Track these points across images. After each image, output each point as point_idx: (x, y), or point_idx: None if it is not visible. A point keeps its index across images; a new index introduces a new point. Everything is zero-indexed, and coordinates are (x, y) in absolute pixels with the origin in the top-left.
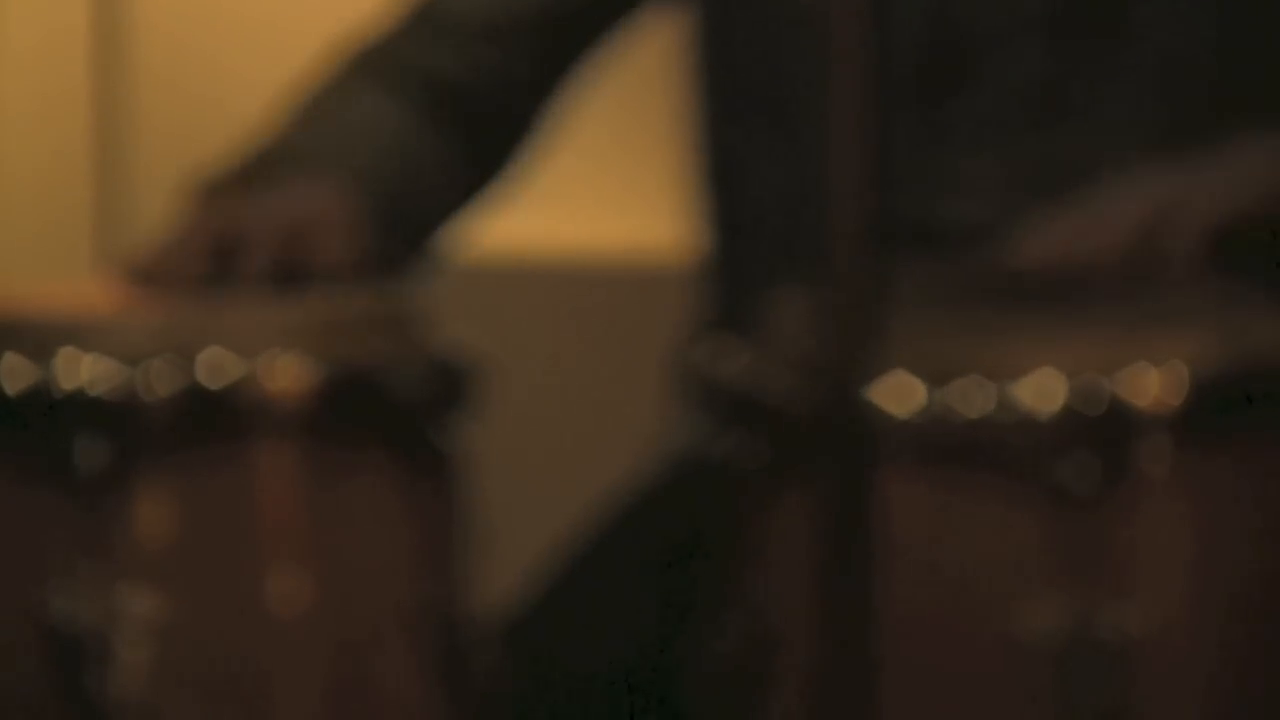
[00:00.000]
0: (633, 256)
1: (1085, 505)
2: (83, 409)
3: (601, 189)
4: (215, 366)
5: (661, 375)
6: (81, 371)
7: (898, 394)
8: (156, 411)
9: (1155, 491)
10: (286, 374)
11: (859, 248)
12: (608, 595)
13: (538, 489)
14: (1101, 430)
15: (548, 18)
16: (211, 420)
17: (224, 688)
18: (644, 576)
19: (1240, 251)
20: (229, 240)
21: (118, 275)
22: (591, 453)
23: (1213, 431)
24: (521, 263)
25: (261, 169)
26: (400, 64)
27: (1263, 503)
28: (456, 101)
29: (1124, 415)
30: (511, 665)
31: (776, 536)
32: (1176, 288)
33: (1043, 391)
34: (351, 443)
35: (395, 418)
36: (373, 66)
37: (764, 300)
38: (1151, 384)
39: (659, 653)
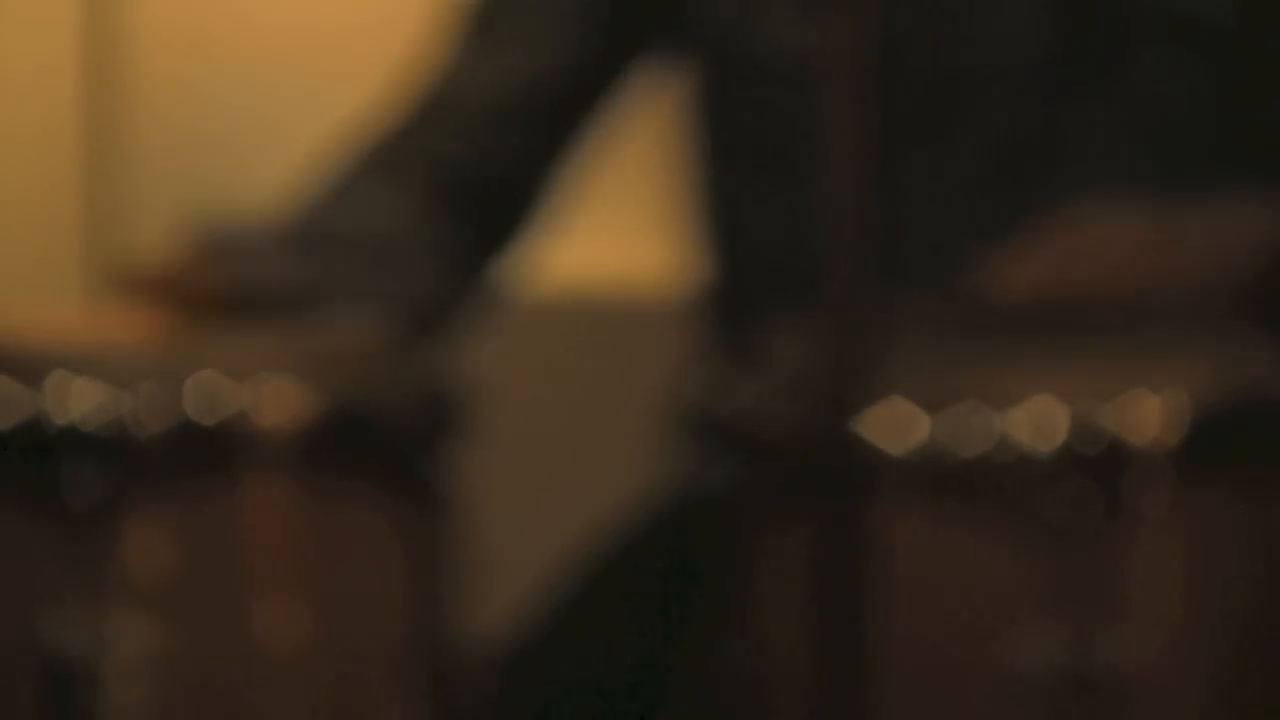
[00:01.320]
0: (627, 289)
1: (1082, 538)
2: (74, 439)
3: (594, 220)
4: (208, 399)
5: (658, 407)
6: (73, 402)
7: (894, 422)
8: (148, 443)
9: (1152, 525)
10: (279, 407)
11: (855, 282)
12: (603, 627)
13: (533, 521)
14: (1099, 463)
15: (551, 96)
16: (204, 452)
17: (214, 718)
18: (639, 609)
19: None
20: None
21: (112, 295)
22: (587, 485)
23: (1209, 464)
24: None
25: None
26: (409, 153)
27: (1259, 535)
28: (465, 186)
29: (1122, 448)
30: (505, 697)
31: (773, 569)
32: (1170, 320)
33: (1040, 422)
34: (344, 475)
35: (388, 450)
36: (382, 156)
37: (762, 333)
38: (1150, 417)
39: (654, 685)
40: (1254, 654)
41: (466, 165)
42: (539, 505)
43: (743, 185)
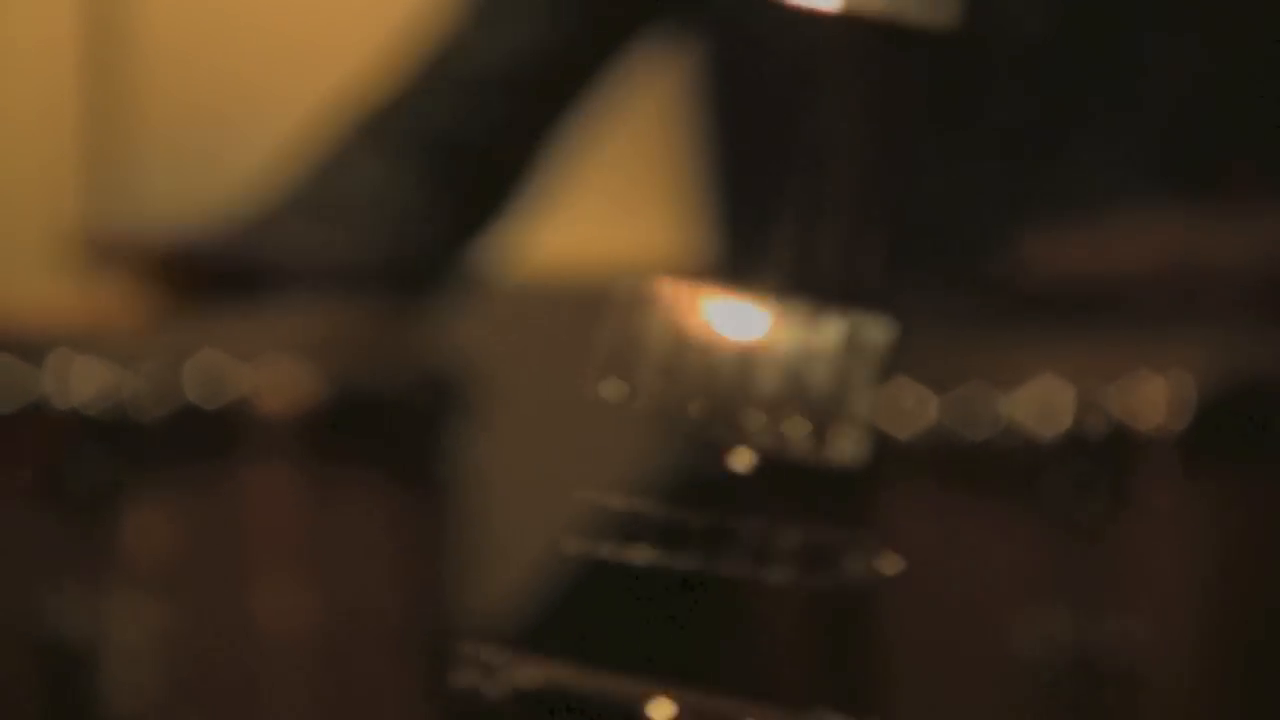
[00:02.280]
0: (629, 271)
1: (1088, 523)
2: (77, 423)
3: (596, 200)
4: (210, 381)
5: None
6: (75, 385)
7: (900, 404)
8: (151, 426)
9: (1157, 509)
10: (282, 390)
11: (861, 264)
12: (604, 610)
13: (534, 504)
14: (1104, 447)
15: (547, 70)
16: (206, 435)
17: (217, 703)
18: (641, 590)
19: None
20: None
21: (114, 280)
22: (589, 467)
23: (1215, 450)
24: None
25: (264, 224)
26: (401, 123)
27: (1263, 521)
28: (458, 156)
29: (1127, 433)
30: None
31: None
32: (1191, 309)
33: (1046, 404)
34: (345, 458)
35: (389, 433)
36: (374, 126)
37: None
38: (1156, 401)
39: (653, 663)
40: (1259, 638)
41: (460, 135)
42: (540, 488)
43: (746, 166)
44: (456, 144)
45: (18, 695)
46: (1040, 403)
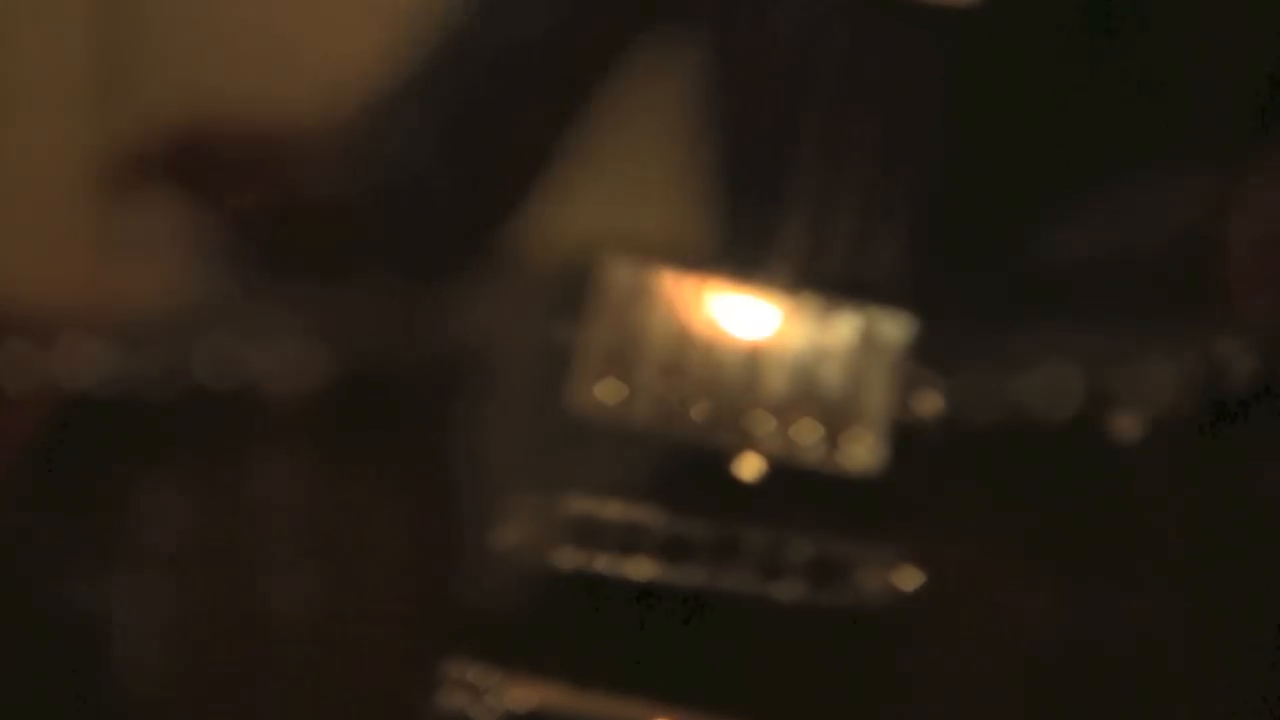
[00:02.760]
0: (637, 253)
1: (1095, 507)
2: (83, 402)
3: (604, 184)
4: (221, 362)
5: None
6: (84, 365)
7: (905, 385)
8: (161, 409)
9: (1169, 496)
10: (294, 370)
11: (880, 256)
12: (602, 628)
13: (529, 506)
14: (1108, 430)
15: (563, 50)
16: (217, 418)
17: (226, 684)
18: (641, 609)
19: None
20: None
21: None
22: (589, 470)
23: (1229, 436)
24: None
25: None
26: (419, 100)
27: (1273, 505)
28: (475, 137)
29: (1138, 414)
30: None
31: None
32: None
33: (1054, 387)
34: (358, 438)
35: (402, 413)
36: (392, 102)
37: None
38: (1167, 386)
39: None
40: (1273, 627)
41: (478, 117)
42: (537, 489)
43: (756, 150)
44: (471, 124)
45: (27, 678)
46: (1049, 386)
